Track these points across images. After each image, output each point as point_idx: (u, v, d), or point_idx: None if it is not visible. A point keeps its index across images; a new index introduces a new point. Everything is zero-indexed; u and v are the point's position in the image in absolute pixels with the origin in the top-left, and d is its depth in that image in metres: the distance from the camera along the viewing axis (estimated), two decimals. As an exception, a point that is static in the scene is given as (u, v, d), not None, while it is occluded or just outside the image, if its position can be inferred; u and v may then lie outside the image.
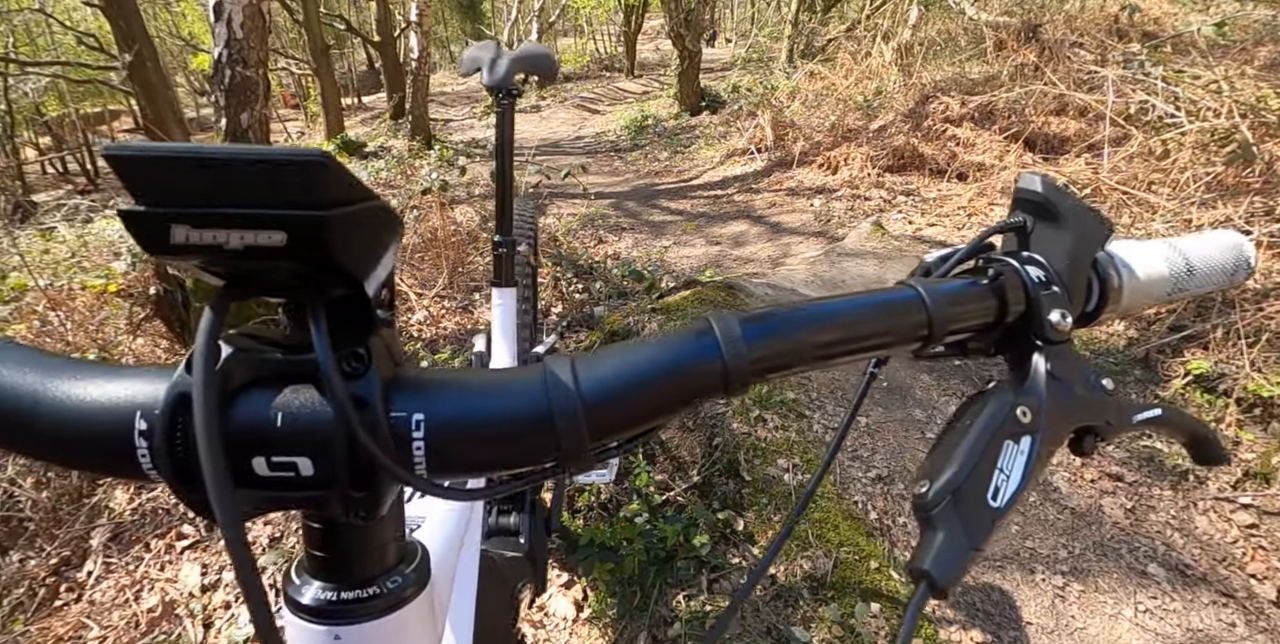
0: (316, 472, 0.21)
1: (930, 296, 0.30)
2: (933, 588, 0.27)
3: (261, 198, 0.18)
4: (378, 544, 0.26)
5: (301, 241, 0.19)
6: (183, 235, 0.18)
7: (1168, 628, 1.52)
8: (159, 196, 0.18)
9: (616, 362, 0.24)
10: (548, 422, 0.22)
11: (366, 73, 16.54)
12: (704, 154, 5.69)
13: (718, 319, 0.26)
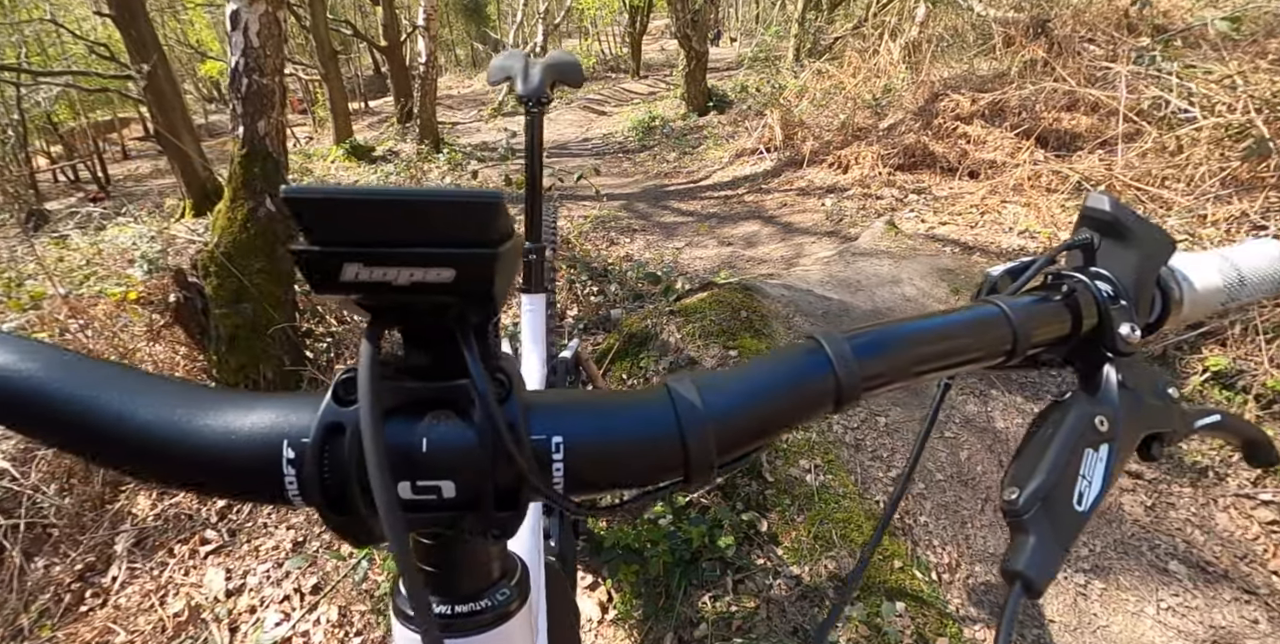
0: (458, 494, 0.22)
1: (1014, 313, 0.31)
2: (1027, 588, 0.28)
3: (431, 236, 0.19)
4: (486, 559, 0.28)
5: (469, 277, 0.20)
6: (353, 273, 0.19)
7: (1190, 625, 1.52)
8: (331, 236, 0.18)
9: (736, 380, 0.26)
10: (678, 439, 0.23)
11: (372, 77, 16.62)
12: (713, 154, 5.69)
13: (826, 338, 0.28)
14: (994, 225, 3.27)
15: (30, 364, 0.22)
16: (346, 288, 0.19)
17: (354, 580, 1.63)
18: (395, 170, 5.87)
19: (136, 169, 12.33)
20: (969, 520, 1.77)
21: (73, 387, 0.22)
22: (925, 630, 1.35)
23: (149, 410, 0.22)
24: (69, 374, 0.22)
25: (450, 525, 0.23)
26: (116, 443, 0.21)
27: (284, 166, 2.53)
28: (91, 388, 0.22)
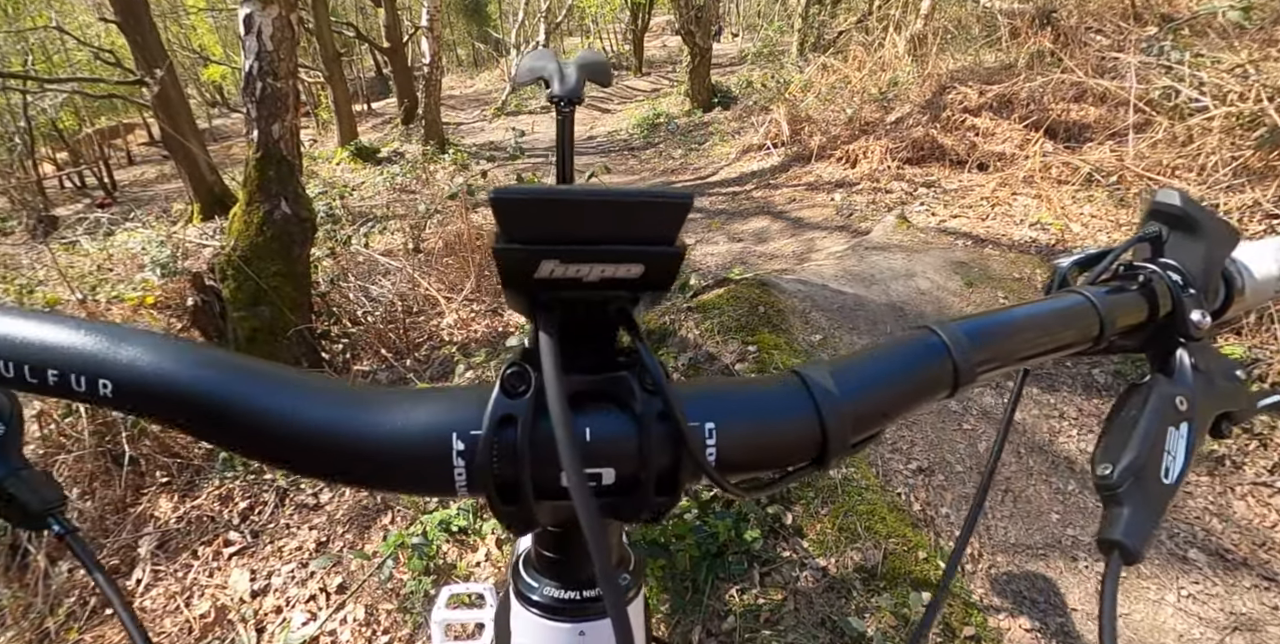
0: (617, 480, 0.23)
1: (1099, 302, 0.34)
2: (1125, 556, 0.30)
3: (624, 234, 0.20)
4: (610, 546, 0.29)
5: (656, 272, 0.21)
6: (549, 269, 0.20)
7: (1211, 612, 1.53)
8: (532, 234, 0.19)
9: (862, 366, 0.28)
10: (817, 423, 0.25)
11: (374, 79, 16.64)
12: (719, 150, 5.70)
13: (940, 326, 0.29)
14: (1005, 218, 3.27)
15: (204, 370, 0.23)
16: (540, 284, 0.20)
17: (380, 579, 1.64)
18: (401, 171, 5.89)
19: (142, 174, 12.38)
20: (989, 511, 1.78)
21: (244, 390, 0.23)
22: (951, 620, 1.37)
23: (319, 411, 0.23)
24: (240, 378, 0.23)
25: (610, 512, 0.24)
26: (289, 443, 0.23)
27: (298, 169, 2.55)
28: (263, 391, 0.23)
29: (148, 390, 0.23)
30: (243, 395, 0.23)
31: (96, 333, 0.23)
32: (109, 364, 0.23)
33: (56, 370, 0.23)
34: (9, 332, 0.23)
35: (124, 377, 0.23)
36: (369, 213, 4.51)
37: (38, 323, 0.24)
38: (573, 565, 0.29)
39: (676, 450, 0.23)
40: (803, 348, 2.08)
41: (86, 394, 0.23)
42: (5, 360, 0.23)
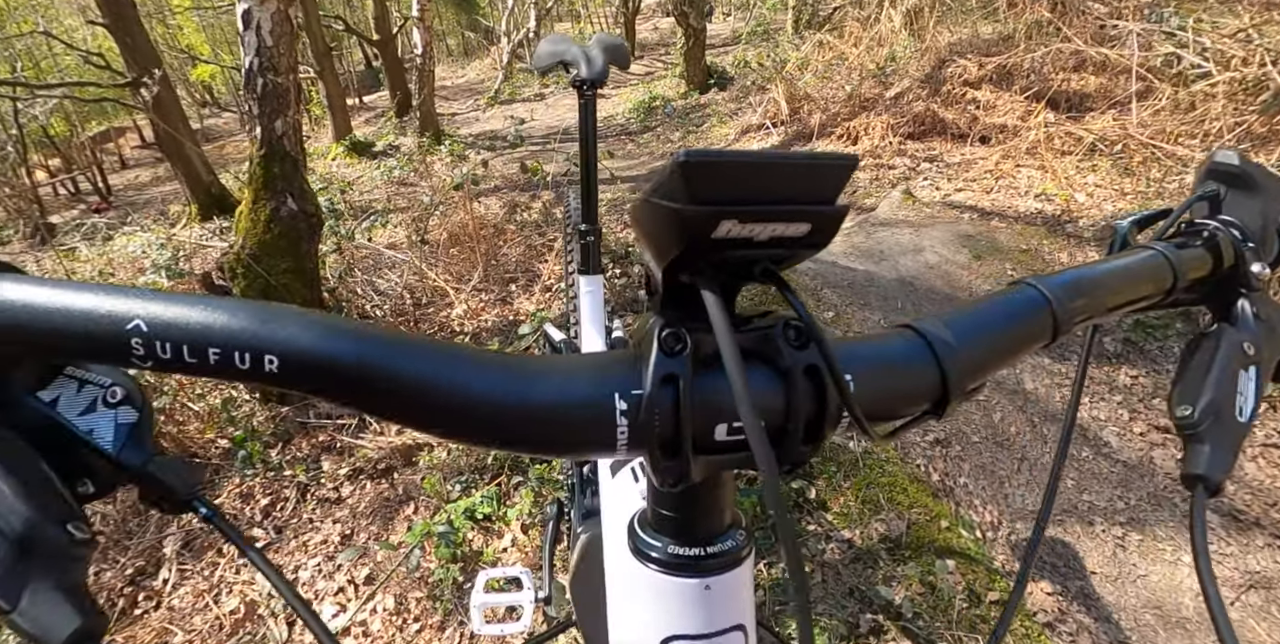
0: (766, 432, 0.24)
1: (1173, 256, 0.36)
2: (1208, 488, 0.32)
3: (794, 195, 0.21)
4: (726, 505, 0.30)
5: (820, 231, 0.22)
6: (726, 229, 0.20)
7: (1226, 571, 1.56)
8: (713, 196, 0.20)
9: (972, 318, 0.30)
10: (938, 372, 0.27)
11: (365, 72, 16.48)
12: (718, 132, 5.66)
13: (1039, 281, 0.32)
14: (1009, 190, 3.27)
15: (367, 344, 0.23)
16: (715, 244, 0.21)
17: (407, 569, 1.66)
18: (398, 164, 5.86)
19: (136, 178, 12.30)
20: (1006, 480, 1.81)
21: (410, 363, 0.23)
22: (975, 586, 1.39)
23: (485, 381, 0.23)
24: (403, 351, 0.24)
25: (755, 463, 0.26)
26: (457, 414, 0.23)
27: (302, 165, 2.54)
28: (428, 364, 0.23)
29: (313, 365, 0.23)
30: (409, 369, 0.23)
31: (255, 311, 0.24)
32: (273, 340, 0.23)
33: (218, 349, 0.23)
34: (166, 314, 0.23)
35: (289, 352, 0.23)
36: (369, 207, 4.50)
37: (193, 305, 0.24)
38: (695, 523, 0.29)
39: (820, 401, 0.24)
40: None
41: (248, 371, 0.23)
42: (162, 342, 0.23)
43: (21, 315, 0.24)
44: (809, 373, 0.24)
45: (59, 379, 0.29)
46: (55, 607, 0.24)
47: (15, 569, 0.24)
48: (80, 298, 0.24)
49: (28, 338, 0.24)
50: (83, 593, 0.25)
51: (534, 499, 1.77)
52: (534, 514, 1.76)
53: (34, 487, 0.25)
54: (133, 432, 0.30)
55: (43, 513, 0.25)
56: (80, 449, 0.29)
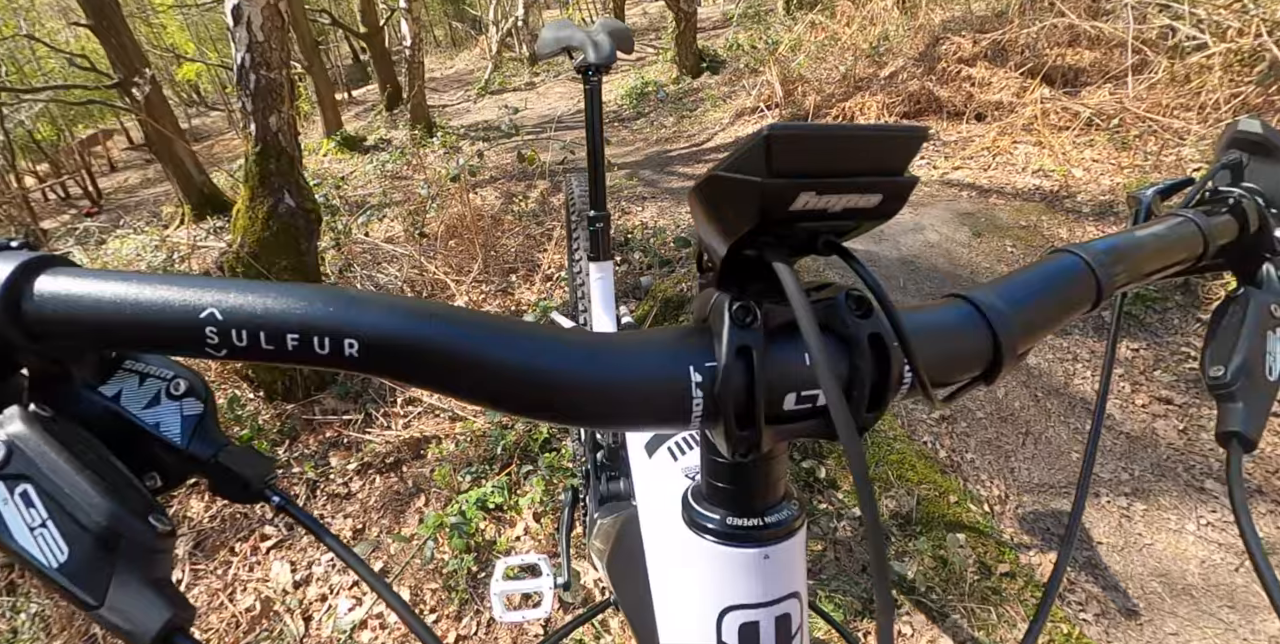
0: None
1: (1202, 223, 0.37)
2: (1244, 445, 0.33)
3: (866, 166, 0.21)
4: (782, 476, 0.30)
5: (890, 201, 0.22)
6: (803, 202, 0.21)
7: (1229, 538, 1.58)
8: (793, 169, 0.20)
9: (1020, 286, 0.31)
10: (991, 339, 0.28)
11: (352, 66, 16.31)
12: (712, 116, 5.63)
13: (1078, 247, 0.33)
14: (1007, 166, 3.26)
15: (445, 325, 0.24)
16: (790, 217, 0.21)
17: (422, 560, 1.68)
18: (390, 158, 5.83)
19: (126, 180, 12.19)
20: (1012, 454, 1.82)
21: (488, 344, 0.23)
22: (986, 558, 1.42)
23: (562, 360, 0.24)
24: (481, 332, 0.24)
25: (823, 431, 0.26)
26: (536, 394, 0.24)
27: (298, 161, 2.53)
28: (505, 344, 0.24)
29: (394, 348, 0.23)
30: (490, 349, 0.23)
31: (333, 296, 0.24)
32: (353, 324, 0.23)
33: (296, 335, 0.23)
34: (241, 302, 0.23)
35: (369, 335, 0.23)
36: (364, 202, 4.48)
37: (267, 291, 0.24)
38: (753, 494, 0.30)
39: (883, 369, 0.25)
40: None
41: (326, 356, 0.23)
42: (238, 330, 0.23)
43: (83, 307, 0.24)
44: (872, 341, 0.25)
45: (119, 373, 0.30)
46: (143, 600, 0.24)
47: (100, 564, 0.24)
48: (150, 289, 0.24)
49: (92, 330, 0.24)
50: (168, 585, 0.25)
51: (545, 487, 1.79)
52: (545, 502, 1.77)
53: (110, 480, 0.25)
54: (200, 423, 0.30)
55: (124, 506, 0.25)
56: (148, 443, 0.29)
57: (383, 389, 2.37)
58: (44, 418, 0.26)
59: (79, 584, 0.24)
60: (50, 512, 0.24)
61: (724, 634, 0.31)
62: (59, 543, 0.24)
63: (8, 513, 0.24)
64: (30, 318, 0.24)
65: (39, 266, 0.24)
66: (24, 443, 0.24)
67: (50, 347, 0.25)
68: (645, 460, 0.46)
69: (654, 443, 0.47)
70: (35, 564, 0.24)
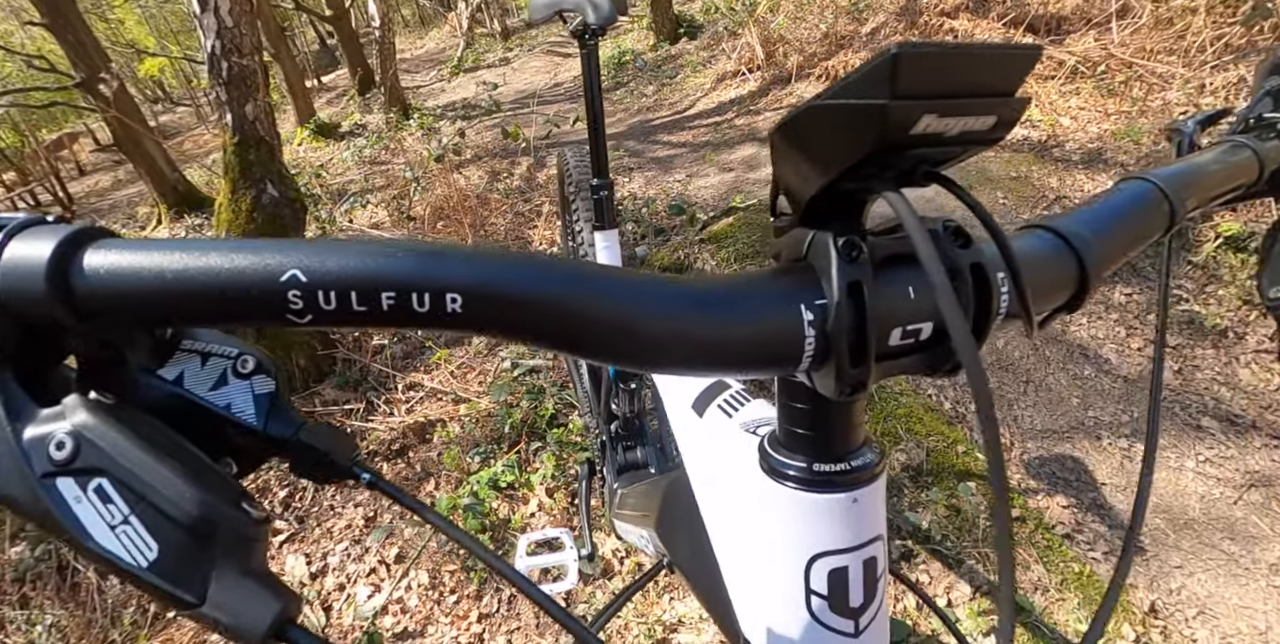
0: (932, 335, 0.25)
1: (1259, 149, 0.38)
2: None
3: (983, 87, 0.20)
4: (861, 419, 0.30)
5: (1003, 124, 0.21)
6: (924, 125, 0.20)
7: (1227, 473, 1.62)
8: (922, 89, 0.19)
9: (1097, 214, 0.31)
10: (1077, 266, 0.29)
11: (320, 51, 15.90)
12: (693, 82, 5.54)
13: (1148, 174, 0.33)
14: (995, 118, 3.23)
15: (548, 277, 0.22)
16: (910, 142, 0.20)
17: (438, 544, 1.68)
18: (368, 143, 5.73)
19: (97, 183, 11.91)
20: (1014, 403, 1.85)
21: (593, 295, 0.22)
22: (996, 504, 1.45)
23: (671, 308, 0.23)
24: (583, 283, 0.23)
25: (924, 365, 0.25)
26: (648, 344, 0.23)
27: (278, 150, 2.48)
28: (610, 295, 0.23)
29: (501, 302, 0.22)
30: (598, 300, 0.22)
31: (429, 250, 0.22)
32: (459, 278, 0.21)
33: (393, 292, 0.21)
34: (327, 262, 0.21)
35: (472, 290, 0.21)
36: (345, 189, 4.42)
37: (352, 249, 0.22)
38: (839, 438, 0.30)
39: (984, 299, 0.24)
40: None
41: (426, 314, 0.22)
42: (325, 291, 0.21)
43: (142, 281, 0.22)
44: (973, 271, 0.24)
45: (177, 355, 0.28)
46: (249, 594, 0.23)
47: (196, 558, 0.22)
48: (219, 255, 0.22)
49: (153, 305, 0.22)
50: (270, 575, 0.24)
51: (556, 463, 1.80)
52: (557, 477, 1.78)
53: (193, 468, 0.24)
54: (273, 402, 0.28)
55: (215, 494, 0.23)
56: (219, 426, 0.27)
57: (383, 376, 2.37)
58: (108, 406, 0.24)
59: (175, 583, 0.22)
60: (132, 506, 0.22)
61: (812, 581, 0.30)
62: (146, 539, 0.22)
63: (83, 512, 0.22)
64: (81, 296, 0.22)
65: (84, 239, 0.22)
66: (93, 433, 0.22)
67: (104, 327, 0.23)
68: (695, 421, 0.46)
69: (702, 402, 0.47)
70: (122, 565, 0.22)
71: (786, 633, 0.32)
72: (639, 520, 0.69)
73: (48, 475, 0.22)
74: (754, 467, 0.33)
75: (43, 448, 0.22)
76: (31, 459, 0.22)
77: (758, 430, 0.38)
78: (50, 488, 0.22)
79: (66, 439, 0.22)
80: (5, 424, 0.22)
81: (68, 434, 0.22)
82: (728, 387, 0.47)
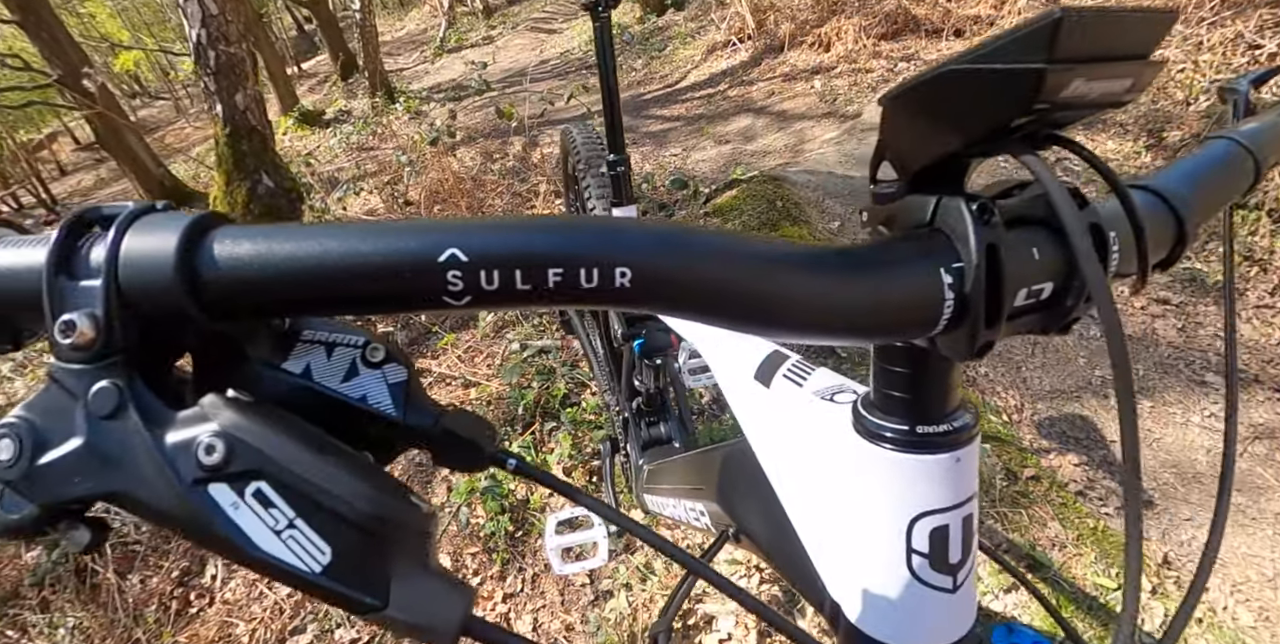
0: (1051, 294, 0.25)
1: None
2: None
3: (1125, 51, 0.20)
4: (959, 383, 0.31)
5: (1134, 89, 0.21)
6: (1073, 89, 0.20)
7: (1232, 426, 1.65)
8: (1073, 54, 0.19)
9: (1190, 174, 0.32)
10: (1177, 222, 0.30)
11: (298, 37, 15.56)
12: (683, 54, 5.44)
13: (1230, 133, 0.34)
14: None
15: (706, 249, 0.22)
16: (1057, 105, 0.20)
17: (458, 526, 1.69)
18: (355, 129, 5.65)
19: (80, 183, 11.73)
20: (1022, 365, 1.87)
21: (758, 268, 0.22)
22: (1011, 465, 1.47)
23: (820, 279, 0.23)
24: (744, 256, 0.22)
25: (1039, 325, 0.26)
26: (803, 312, 0.23)
27: (270, 139, 2.45)
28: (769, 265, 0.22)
29: (666, 275, 0.21)
30: (758, 272, 0.22)
31: (592, 224, 0.22)
32: (624, 252, 0.21)
33: (560, 268, 0.21)
34: (487, 240, 0.20)
35: (642, 263, 0.21)
36: (335, 178, 4.37)
37: (511, 226, 0.21)
38: (937, 401, 0.30)
39: (1101, 257, 0.25)
40: (824, 236, 2.10)
41: (593, 290, 0.21)
42: (488, 270, 0.20)
43: (278, 269, 0.20)
44: (1094, 231, 0.25)
45: (299, 347, 0.26)
46: (434, 591, 0.22)
47: (373, 558, 0.21)
48: (363, 239, 0.21)
49: (291, 294, 0.21)
50: (445, 569, 0.23)
51: (572, 442, 1.82)
52: (574, 456, 1.80)
53: (355, 464, 0.22)
54: (408, 390, 0.27)
55: (384, 489, 0.22)
56: (356, 419, 0.26)
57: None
58: (250, 404, 0.23)
59: (355, 586, 0.21)
60: (298, 509, 0.21)
61: (914, 541, 0.31)
62: (317, 543, 0.21)
63: (243, 519, 0.21)
64: (210, 287, 0.21)
65: (208, 225, 0.21)
66: (246, 434, 0.21)
67: (228, 321, 0.22)
68: (761, 391, 0.46)
69: (765, 374, 0.47)
70: (294, 572, 0.21)
71: (884, 591, 0.33)
72: (688, 493, 0.70)
73: (198, 482, 0.21)
74: (842, 432, 0.33)
75: (188, 453, 0.21)
76: (178, 466, 0.21)
77: (835, 398, 0.39)
78: (202, 495, 0.21)
79: (216, 442, 0.21)
80: (143, 430, 0.21)
81: (216, 436, 0.21)
82: (787, 357, 0.47)
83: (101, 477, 0.21)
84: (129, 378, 0.21)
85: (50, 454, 0.21)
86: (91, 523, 0.22)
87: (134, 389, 0.21)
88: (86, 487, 0.21)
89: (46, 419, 0.21)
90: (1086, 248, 0.21)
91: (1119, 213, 0.26)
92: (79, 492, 0.21)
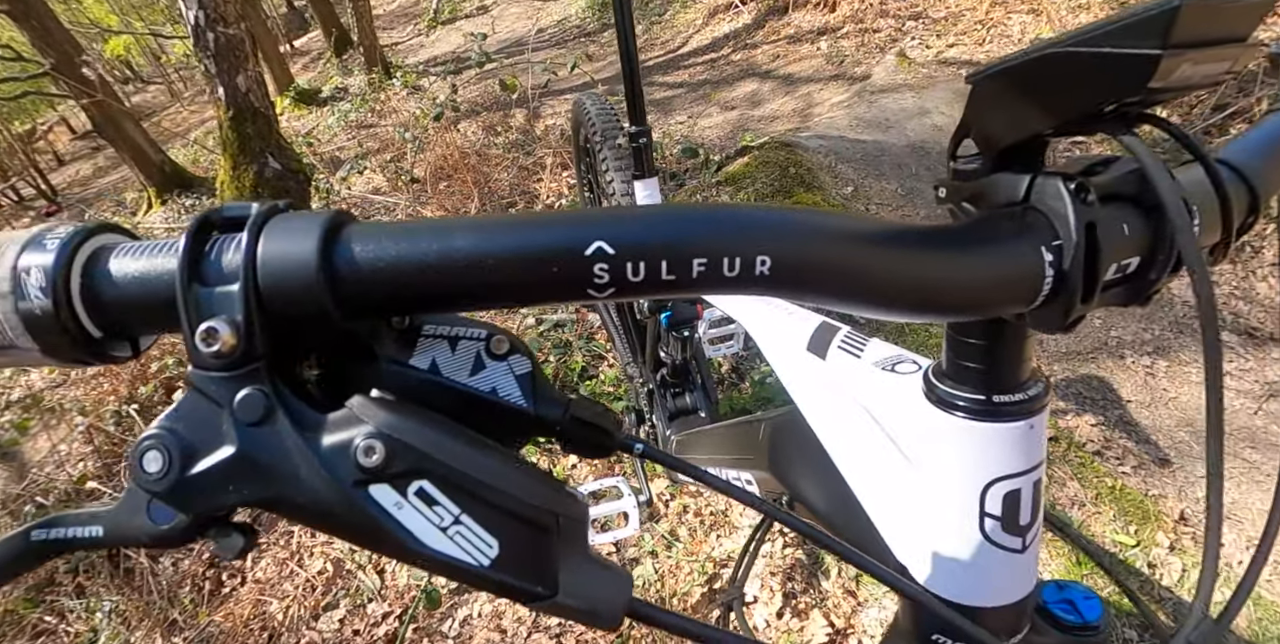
0: (1139, 267, 0.25)
1: None
2: None
3: (1227, 35, 0.21)
4: (1032, 353, 0.32)
5: (1229, 71, 0.22)
6: (1181, 72, 0.20)
7: (1246, 384, 1.64)
8: (1187, 39, 0.19)
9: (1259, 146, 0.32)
10: (1253, 196, 0.30)
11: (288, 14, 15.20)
12: (683, 18, 5.31)
13: None
14: (1003, 39, 3.12)
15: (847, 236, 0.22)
16: (1152, 91, 0.20)
17: None
18: (353, 107, 5.57)
19: (78, 172, 11.61)
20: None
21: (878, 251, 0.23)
22: (1029, 427, 1.49)
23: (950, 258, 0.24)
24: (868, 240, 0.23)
25: (1121, 298, 0.27)
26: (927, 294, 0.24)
27: (274, 120, 2.43)
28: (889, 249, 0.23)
29: (805, 262, 0.22)
30: (891, 256, 0.23)
31: (729, 213, 0.22)
32: (767, 241, 0.21)
33: (704, 258, 0.21)
34: (632, 231, 0.21)
35: (782, 251, 0.21)
36: (336, 157, 4.33)
37: (651, 216, 0.21)
38: (1012, 371, 0.31)
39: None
40: (838, 202, 2.08)
41: (735, 279, 0.21)
42: (634, 262, 0.20)
43: (410, 265, 0.20)
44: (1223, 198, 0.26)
45: (422, 342, 0.26)
46: (598, 577, 0.23)
47: (540, 548, 0.22)
48: (506, 233, 0.21)
49: (430, 290, 0.21)
50: (601, 555, 0.24)
51: (593, 414, 1.84)
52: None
53: (508, 458, 0.23)
54: (535, 380, 0.27)
55: (543, 482, 0.22)
56: (488, 412, 0.26)
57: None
58: (397, 403, 0.23)
59: (524, 577, 0.21)
60: (463, 505, 0.21)
61: (988, 505, 0.32)
62: (484, 537, 0.21)
63: (407, 518, 0.21)
64: (348, 286, 0.20)
65: (341, 224, 0.21)
66: (403, 434, 0.21)
67: (364, 318, 0.22)
68: (816, 363, 0.47)
69: (819, 345, 0.48)
70: (463, 567, 0.21)
71: (956, 553, 0.34)
72: (732, 463, 0.71)
73: (358, 484, 0.21)
74: (910, 401, 0.34)
75: (346, 456, 0.21)
76: (336, 469, 0.21)
77: (895, 368, 0.40)
78: (365, 497, 0.21)
79: (375, 444, 0.21)
80: (295, 435, 0.21)
81: (373, 438, 0.21)
82: (838, 328, 0.48)
83: (257, 483, 0.21)
84: (273, 383, 0.21)
85: (201, 464, 0.21)
86: (242, 528, 0.22)
87: (280, 394, 0.21)
88: (242, 494, 0.21)
89: (192, 429, 0.21)
90: (1185, 224, 0.21)
91: (1200, 186, 0.27)
92: (235, 500, 0.21)
